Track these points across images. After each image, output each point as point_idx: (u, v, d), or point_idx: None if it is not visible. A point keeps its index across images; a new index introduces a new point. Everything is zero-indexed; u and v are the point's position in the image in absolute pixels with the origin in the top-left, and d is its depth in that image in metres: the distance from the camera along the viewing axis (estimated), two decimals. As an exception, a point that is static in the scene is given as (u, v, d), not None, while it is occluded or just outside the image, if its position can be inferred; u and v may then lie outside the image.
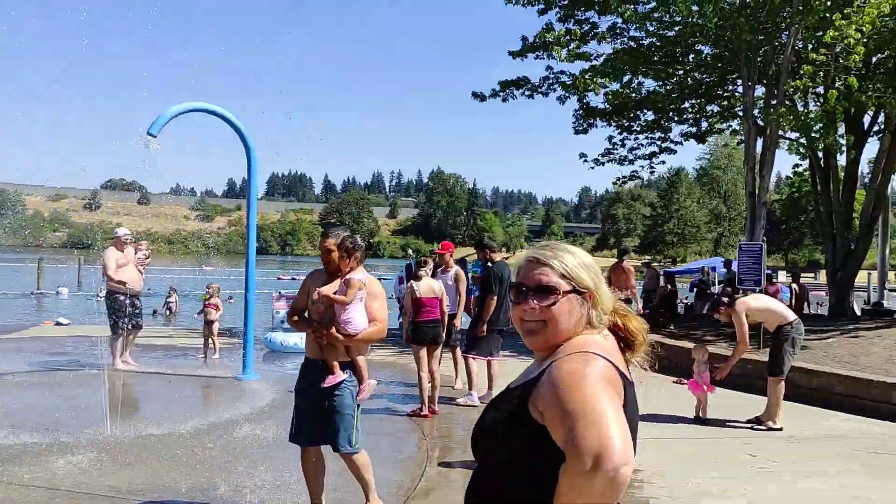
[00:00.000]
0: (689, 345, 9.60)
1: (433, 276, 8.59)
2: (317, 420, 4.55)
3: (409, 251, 15.92)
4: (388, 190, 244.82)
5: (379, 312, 4.72)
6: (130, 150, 8.41)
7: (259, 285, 14.83)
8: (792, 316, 7.63)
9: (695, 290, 16.47)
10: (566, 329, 1.82)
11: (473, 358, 8.41)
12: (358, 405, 4.61)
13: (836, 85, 12.31)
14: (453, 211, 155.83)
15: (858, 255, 15.45)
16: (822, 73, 12.56)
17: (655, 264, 21.27)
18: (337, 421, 4.50)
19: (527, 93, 16.72)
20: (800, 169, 18.64)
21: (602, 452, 1.51)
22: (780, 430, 7.45)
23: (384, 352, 12.42)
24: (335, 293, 4.58)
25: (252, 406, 8.12)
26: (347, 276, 4.57)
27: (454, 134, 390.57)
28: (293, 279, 60.96)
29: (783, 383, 7.58)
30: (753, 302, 7.74)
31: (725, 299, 8.02)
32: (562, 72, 16.19)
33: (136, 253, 10.88)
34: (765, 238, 12.99)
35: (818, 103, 13.15)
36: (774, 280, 18.63)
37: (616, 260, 12.73)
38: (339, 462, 4.75)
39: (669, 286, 16.57)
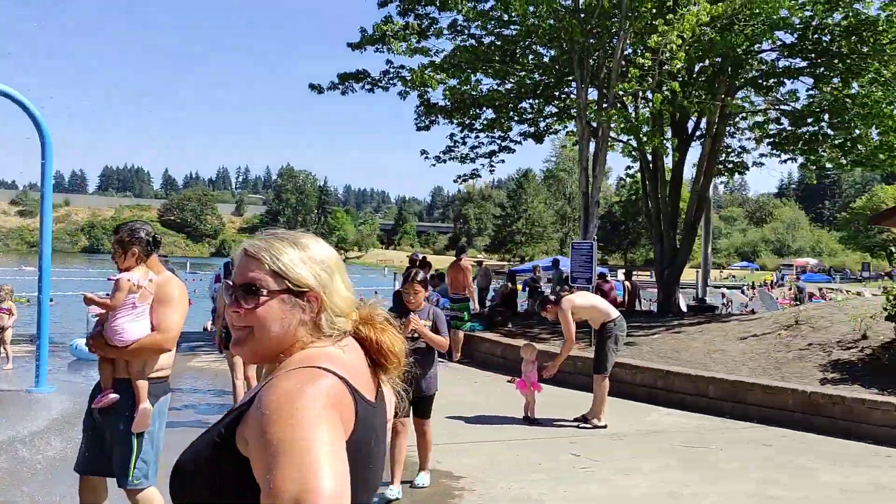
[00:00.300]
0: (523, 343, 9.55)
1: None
2: (97, 446, 3.84)
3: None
4: (234, 186, 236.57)
5: (165, 320, 3.87)
6: None
7: (86, 287, 13.46)
8: (615, 313, 7.68)
9: (527, 288, 16.70)
10: (277, 337, 1.44)
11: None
12: (139, 434, 3.80)
13: (663, 89, 12.79)
14: (303, 209, 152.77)
15: (683, 253, 16.25)
16: (649, 78, 13.01)
17: (484, 263, 21.39)
18: (116, 450, 3.78)
19: (367, 87, 16.30)
20: (632, 171, 19.44)
21: (303, 497, 1.16)
22: (605, 427, 7.47)
23: (208, 357, 11.57)
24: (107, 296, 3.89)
25: (38, 422, 7.15)
26: (116, 276, 3.88)
27: (307, 131, 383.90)
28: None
29: (607, 380, 7.61)
30: (579, 300, 7.72)
31: (552, 297, 7.97)
32: (402, 66, 15.91)
33: None
34: (596, 237, 13.31)
35: (647, 107, 13.66)
36: (609, 278, 19.32)
37: (454, 259, 12.57)
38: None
39: (510, 284, 16.71)
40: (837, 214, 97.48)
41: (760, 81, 15.87)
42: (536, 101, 16.33)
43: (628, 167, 19.34)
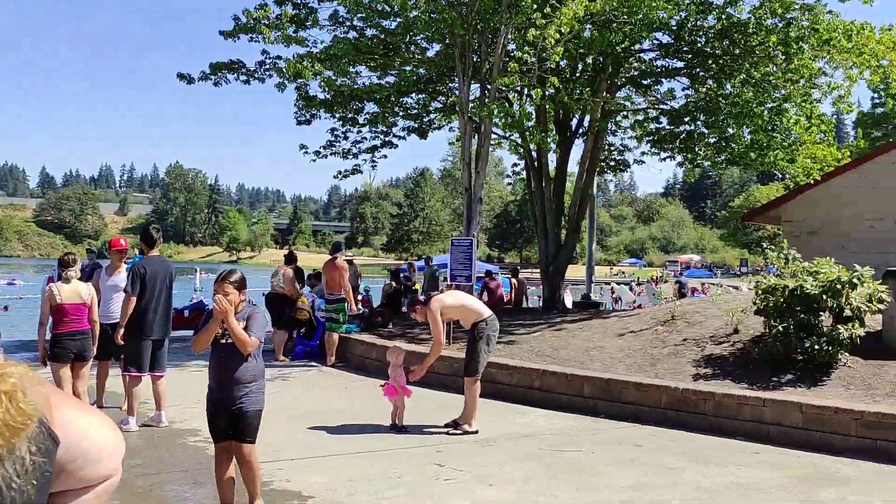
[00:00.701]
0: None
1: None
2: None
3: (89, 248, 13.15)
4: (118, 185, 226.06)
5: None
6: None
7: None
8: (487, 312, 7.36)
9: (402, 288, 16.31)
10: None
11: (129, 375, 7.14)
12: None
13: (545, 85, 12.68)
14: (192, 208, 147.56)
15: (567, 250, 16.28)
16: (530, 73, 12.86)
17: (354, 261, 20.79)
18: None
19: (242, 77, 15.47)
20: (518, 168, 19.39)
21: None
22: (476, 432, 7.13)
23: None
24: None
25: None
26: None
27: (199, 127, 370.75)
28: (10, 283, 53.68)
29: (479, 383, 7.28)
30: (448, 299, 7.36)
31: (422, 297, 7.57)
32: (279, 57, 15.16)
33: None
34: (477, 234, 13.06)
35: (531, 103, 13.52)
36: (495, 275, 19.20)
37: (329, 257, 11.99)
38: None
39: (394, 284, 16.26)
40: (718, 213, 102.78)
41: (640, 80, 16.07)
42: (420, 95, 15.94)
43: (514, 164, 19.29)
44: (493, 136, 17.14)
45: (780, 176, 23.72)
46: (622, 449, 6.69)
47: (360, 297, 14.76)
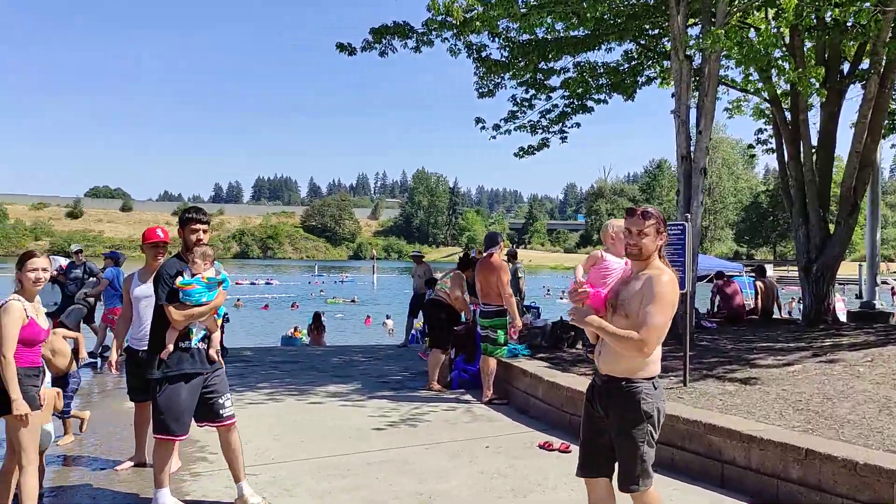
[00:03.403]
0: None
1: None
2: None
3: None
4: (373, 191, 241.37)
5: None
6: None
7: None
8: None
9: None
10: None
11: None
12: None
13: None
14: (435, 210, 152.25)
15: (838, 241, 11.71)
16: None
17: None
18: None
19: (411, 44, 12.89)
20: (764, 136, 14.89)
21: None
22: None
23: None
24: None
25: None
26: None
27: (443, 133, 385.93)
28: (267, 283, 57.81)
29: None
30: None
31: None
32: (447, 13, 12.36)
33: None
34: (696, 216, 9.24)
35: (780, 22, 9.33)
36: (732, 277, 14.93)
37: (482, 254, 8.86)
38: None
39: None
40: None
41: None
42: (619, 39, 12.12)
43: (759, 130, 14.78)
44: (726, 87, 12.98)
45: None
46: None
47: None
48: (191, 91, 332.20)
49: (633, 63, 12.61)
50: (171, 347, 4.75)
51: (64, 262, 12.15)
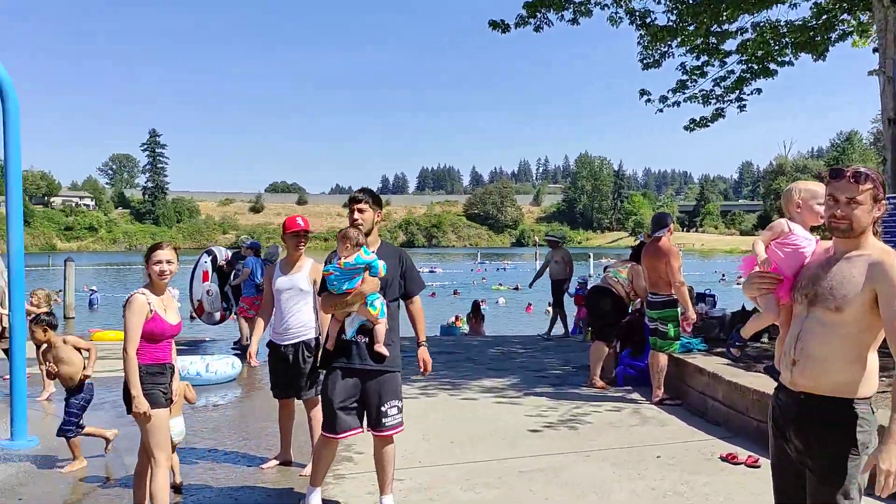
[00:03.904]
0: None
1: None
2: None
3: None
4: (535, 178, 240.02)
5: None
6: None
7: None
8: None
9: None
10: None
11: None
12: None
13: None
14: (599, 195, 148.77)
15: None
16: None
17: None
18: None
19: (567, 16, 12.11)
20: None
21: None
22: None
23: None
24: None
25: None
26: None
27: (605, 116, 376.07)
28: (431, 271, 58.84)
29: None
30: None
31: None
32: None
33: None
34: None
35: None
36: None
37: (649, 237, 7.94)
38: None
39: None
40: None
41: None
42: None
43: None
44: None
45: None
46: None
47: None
48: (361, 93, 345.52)
49: (824, 18, 11.01)
50: (332, 340, 4.44)
51: (228, 253, 12.55)
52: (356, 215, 4.46)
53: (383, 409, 4.34)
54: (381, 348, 4.31)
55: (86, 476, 5.39)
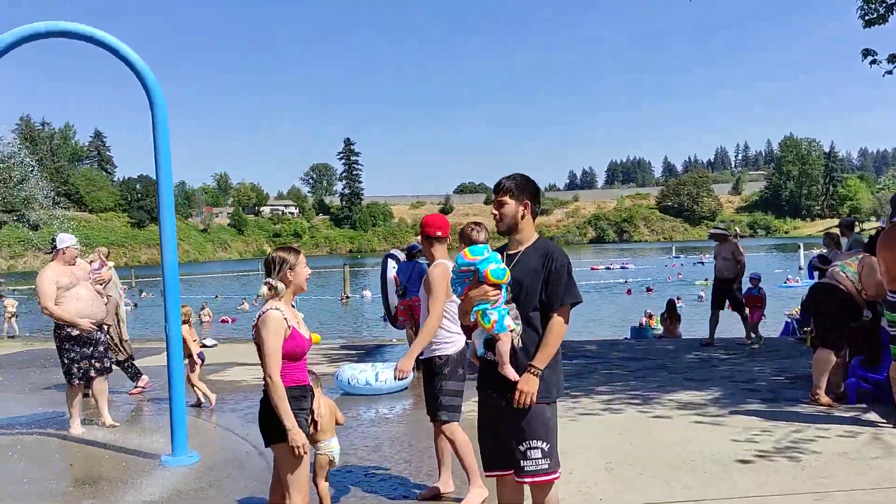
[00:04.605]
0: None
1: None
2: None
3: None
4: (733, 165, 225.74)
5: None
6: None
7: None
8: None
9: None
10: None
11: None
12: None
13: None
14: (808, 179, 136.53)
15: None
16: None
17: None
18: None
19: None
20: None
21: None
22: None
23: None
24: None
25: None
26: None
27: (814, 95, 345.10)
28: (622, 267, 56.60)
29: None
30: None
31: None
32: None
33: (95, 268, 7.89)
34: None
35: None
36: None
37: (888, 224, 6.35)
38: None
39: None
40: None
41: None
42: None
43: None
44: None
45: None
46: None
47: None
48: (554, 85, 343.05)
49: None
50: (473, 355, 3.71)
51: (402, 255, 12.19)
52: (494, 211, 3.58)
53: (521, 448, 3.40)
54: (507, 370, 3.37)
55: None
